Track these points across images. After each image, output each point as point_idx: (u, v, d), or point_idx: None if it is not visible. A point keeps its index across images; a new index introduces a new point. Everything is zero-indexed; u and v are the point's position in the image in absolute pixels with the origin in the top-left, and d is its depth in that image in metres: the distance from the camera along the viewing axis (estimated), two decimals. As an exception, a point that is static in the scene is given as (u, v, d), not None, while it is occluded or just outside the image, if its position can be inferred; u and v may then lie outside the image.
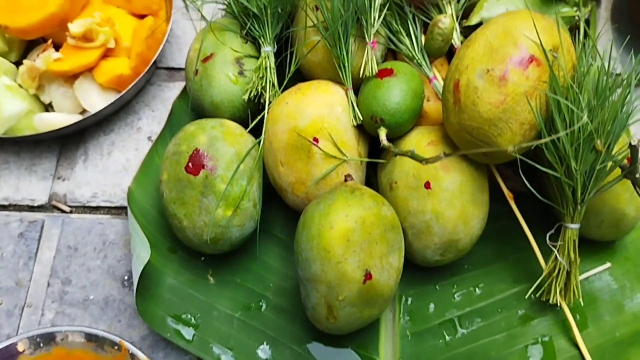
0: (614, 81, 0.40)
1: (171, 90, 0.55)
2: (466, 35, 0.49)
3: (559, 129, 0.38)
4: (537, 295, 0.44)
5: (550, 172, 0.39)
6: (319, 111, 0.44)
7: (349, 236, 0.38)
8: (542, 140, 0.36)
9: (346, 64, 0.45)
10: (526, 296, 0.45)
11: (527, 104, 0.38)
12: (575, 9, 0.49)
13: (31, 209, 0.51)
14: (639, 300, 0.46)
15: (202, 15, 0.57)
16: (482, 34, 0.41)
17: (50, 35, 0.53)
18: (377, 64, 0.45)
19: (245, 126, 0.47)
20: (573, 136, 0.38)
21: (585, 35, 0.46)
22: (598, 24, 0.58)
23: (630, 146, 0.36)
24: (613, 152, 0.39)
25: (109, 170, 0.52)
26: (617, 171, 0.40)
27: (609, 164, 0.39)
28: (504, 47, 0.39)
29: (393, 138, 0.45)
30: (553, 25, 0.40)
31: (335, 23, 0.44)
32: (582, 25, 0.46)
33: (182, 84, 0.55)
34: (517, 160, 0.39)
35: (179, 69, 0.57)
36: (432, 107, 0.47)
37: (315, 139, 0.43)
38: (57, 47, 0.53)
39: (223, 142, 0.44)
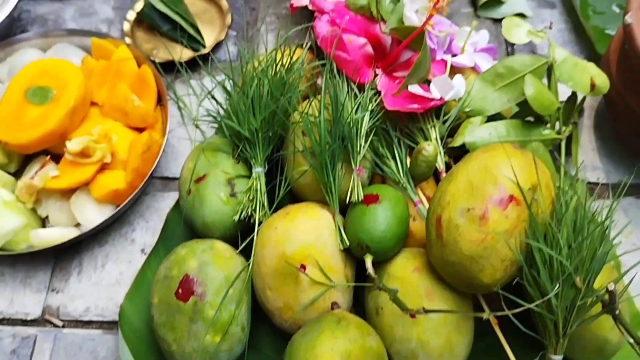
0: (592, 216, 0.41)
1: (165, 200, 0.57)
2: (451, 155, 0.51)
3: (539, 267, 0.39)
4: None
5: (531, 307, 0.40)
6: (306, 237, 0.45)
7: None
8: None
9: (333, 190, 0.46)
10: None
11: (507, 256, 0.39)
12: (557, 130, 0.51)
13: (24, 323, 0.51)
14: None
15: (196, 126, 0.59)
16: (463, 169, 0.42)
17: (49, 148, 0.55)
18: (364, 187, 0.47)
19: (236, 245, 0.48)
20: (552, 273, 0.39)
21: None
22: (581, 133, 0.59)
23: (608, 291, 0.37)
24: (595, 286, 0.40)
25: (102, 283, 0.53)
26: (599, 305, 0.40)
27: (590, 299, 0.40)
28: (484, 185, 0.40)
29: (380, 261, 0.46)
30: (532, 161, 0.42)
31: (322, 151, 0.46)
32: (562, 156, 0.48)
33: (176, 194, 0.56)
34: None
35: (174, 179, 0.58)
36: (418, 226, 0.48)
37: (303, 266, 0.44)
38: (54, 157, 0.55)
39: (213, 267, 0.45)
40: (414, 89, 0.49)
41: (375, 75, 0.51)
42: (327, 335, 0.41)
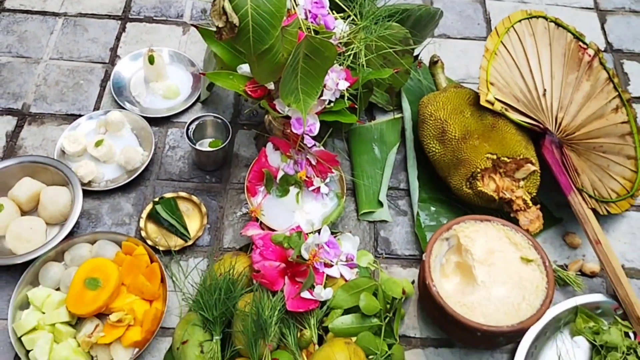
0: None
1: (165, 344, 0.97)
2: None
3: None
4: None
5: None
6: (240, 381, 0.85)
7: None
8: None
9: (255, 355, 0.86)
10: None
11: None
12: (380, 318, 0.92)
13: (82, 418, 0.91)
14: None
15: (184, 298, 0.99)
16: (319, 351, 0.83)
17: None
18: (272, 353, 0.87)
19: (203, 380, 0.89)
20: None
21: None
22: (408, 308, 1.01)
23: None
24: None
25: (127, 395, 0.93)
26: None
27: None
28: (326, 366, 0.81)
29: (279, 394, 0.86)
30: (354, 350, 0.83)
31: (249, 335, 0.86)
32: (382, 333, 0.89)
33: (170, 339, 0.96)
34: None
35: (171, 329, 0.98)
36: (304, 371, 0.89)
37: (237, 399, 0.84)
38: (99, 315, 0.95)
39: (190, 397, 0.85)
40: (306, 295, 0.90)
41: (284, 284, 0.92)
42: None
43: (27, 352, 0.92)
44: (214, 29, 0.81)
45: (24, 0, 1.38)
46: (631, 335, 0.97)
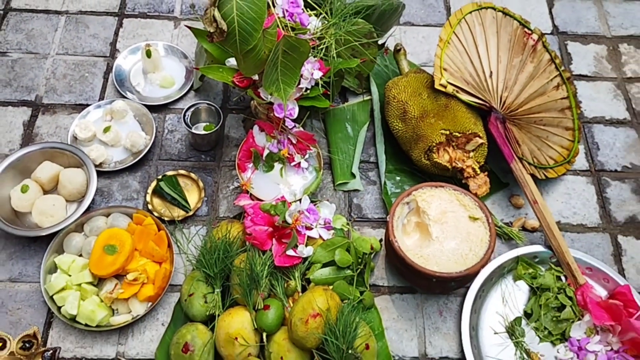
0: (355, 316, 1.01)
1: (174, 298, 1.15)
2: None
3: (330, 341, 0.99)
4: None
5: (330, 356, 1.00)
6: (238, 324, 1.04)
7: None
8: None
9: (250, 303, 1.05)
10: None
11: (316, 335, 0.99)
12: (353, 270, 1.11)
13: (108, 361, 1.09)
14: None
15: (188, 260, 1.17)
16: (302, 298, 1.02)
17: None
18: (264, 300, 1.06)
19: (208, 325, 1.07)
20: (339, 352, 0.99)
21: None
22: (377, 262, 1.19)
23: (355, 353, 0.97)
24: (356, 345, 1.00)
25: (145, 340, 1.11)
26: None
27: (351, 352, 1.00)
28: (307, 308, 1.00)
29: (270, 334, 1.05)
30: (330, 295, 1.01)
31: (245, 286, 1.04)
32: (354, 283, 1.08)
33: (178, 294, 1.14)
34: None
35: (178, 285, 1.16)
36: (288, 318, 1.07)
37: (236, 338, 1.03)
38: (117, 276, 1.13)
39: (197, 338, 1.04)
40: (290, 252, 1.08)
41: (272, 244, 1.10)
42: (245, 368, 1.00)
43: (59, 308, 1.09)
44: (202, 24, 0.97)
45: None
46: (563, 278, 1.17)
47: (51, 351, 0.99)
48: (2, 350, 0.99)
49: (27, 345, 1.01)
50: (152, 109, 1.35)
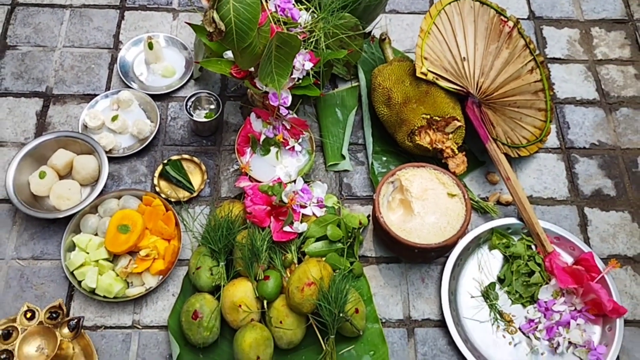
0: (345, 284, 1.13)
1: (182, 271, 1.27)
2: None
3: (323, 305, 1.12)
4: None
5: (323, 319, 1.12)
6: (242, 293, 1.16)
7: (252, 343, 1.11)
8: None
9: (252, 274, 1.17)
10: None
11: (311, 301, 1.12)
12: (343, 242, 1.23)
13: (121, 327, 1.22)
14: None
15: (194, 237, 1.29)
16: (299, 268, 1.14)
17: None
18: (264, 272, 1.18)
19: (214, 294, 1.19)
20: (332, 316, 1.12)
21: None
22: (366, 234, 1.32)
23: (346, 315, 1.10)
24: (347, 308, 1.13)
25: (158, 309, 1.23)
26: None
27: (341, 316, 1.12)
28: (303, 277, 1.12)
29: (270, 301, 1.17)
30: (323, 266, 1.14)
31: (247, 259, 1.17)
32: (345, 255, 1.20)
33: (187, 268, 1.26)
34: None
35: (186, 260, 1.28)
36: (286, 286, 1.20)
37: (240, 305, 1.15)
38: (130, 253, 1.25)
39: (205, 306, 1.16)
40: (287, 229, 1.20)
41: (270, 221, 1.22)
42: (248, 331, 1.13)
43: (79, 282, 1.22)
44: (200, 16, 1.07)
45: (33, -6, 1.61)
46: (533, 247, 1.30)
47: (76, 320, 1.11)
48: (32, 320, 1.12)
49: (54, 315, 1.13)
50: (156, 97, 1.46)
